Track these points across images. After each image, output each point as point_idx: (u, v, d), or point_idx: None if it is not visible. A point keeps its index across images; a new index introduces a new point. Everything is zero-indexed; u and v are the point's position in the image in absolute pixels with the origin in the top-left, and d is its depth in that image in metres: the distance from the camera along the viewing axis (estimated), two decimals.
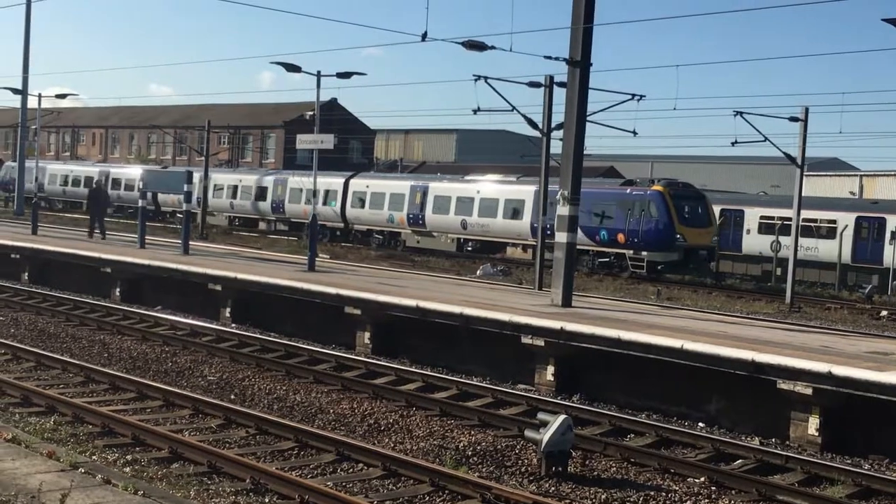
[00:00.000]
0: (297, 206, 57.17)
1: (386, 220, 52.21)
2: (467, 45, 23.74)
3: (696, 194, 43.03)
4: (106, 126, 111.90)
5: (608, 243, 41.69)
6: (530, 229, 43.83)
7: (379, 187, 53.26)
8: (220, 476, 11.57)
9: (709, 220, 42.25)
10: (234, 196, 62.29)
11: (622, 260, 41.49)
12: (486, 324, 19.46)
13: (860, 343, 18.99)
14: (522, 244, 46.04)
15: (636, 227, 40.56)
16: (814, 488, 12.79)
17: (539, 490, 11.80)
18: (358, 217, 54.17)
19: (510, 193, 46.71)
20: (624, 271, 41.04)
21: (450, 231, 49.04)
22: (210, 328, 22.80)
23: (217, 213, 63.85)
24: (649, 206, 40.41)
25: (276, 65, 28.93)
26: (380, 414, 15.54)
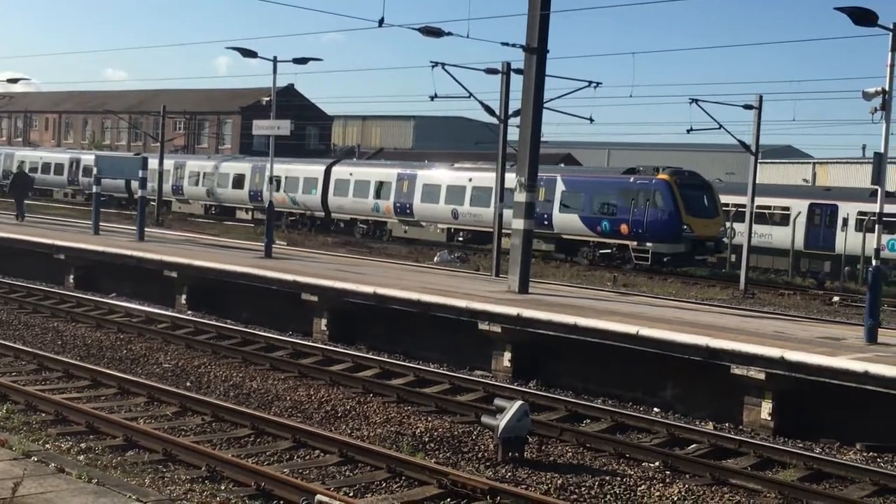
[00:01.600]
0: (276, 194, 56.10)
1: (371, 209, 50.73)
2: (424, 32, 23.68)
3: (703, 183, 41.33)
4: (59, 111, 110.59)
5: (610, 234, 40.27)
6: None
7: (363, 175, 51.73)
8: (176, 464, 11.50)
9: (716, 210, 40.70)
10: (211, 184, 60.78)
11: (625, 252, 40.01)
12: (443, 310, 19.48)
13: (813, 328, 19.22)
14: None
15: (641, 217, 39.03)
16: (766, 472, 12.93)
17: (495, 476, 11.83)
18: (341, 206, 52.63)
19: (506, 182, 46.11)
20: (627, 263, 39.61)
21: (439, 221, 47.39)
22: (165, 315, 22.63)
23: (192, 202, 62.61)
24: (654, 196, 38.84)
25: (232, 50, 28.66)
26: (337, 401, 15.51)
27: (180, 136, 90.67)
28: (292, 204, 54.95)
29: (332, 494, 10.15)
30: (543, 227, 41.93)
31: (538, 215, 42.42)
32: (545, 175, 43.43)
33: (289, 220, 55.35)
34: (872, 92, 16.81)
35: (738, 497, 11.62)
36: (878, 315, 17.67)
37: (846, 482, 12.56)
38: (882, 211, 17.64)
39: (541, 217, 42.12)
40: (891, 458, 13.98)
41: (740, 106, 34.93)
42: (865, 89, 16.86)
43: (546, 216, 41.79)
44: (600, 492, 11.52)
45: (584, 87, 28.54)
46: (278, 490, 10.56)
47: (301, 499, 10.15)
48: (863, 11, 16.64)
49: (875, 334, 17.15)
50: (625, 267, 39.19)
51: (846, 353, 15.38)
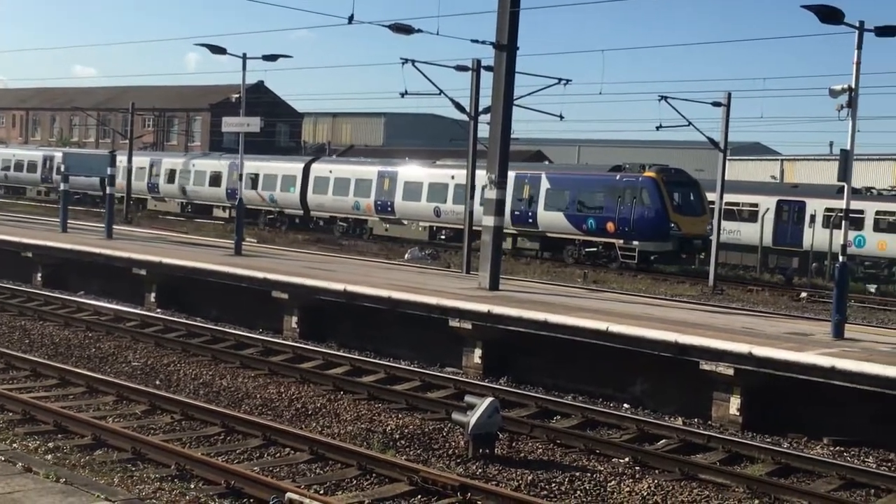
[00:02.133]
0: (253, 192, 54.91)
1: (351, 207, 50.15)
2: (394, 29, 23.66)
3: (690, 181, 40.94)
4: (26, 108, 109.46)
5: (596, 232, 39.88)
6: (510, 216, 41.47)
7: (343, 172, 51.14)
8: (145, 462, 11.44)
9: (703, 208, 40.26)
10: (187, 182, 59.87)
11: (611, 250, 39.66)
12: (413, 307, 19.47)
13: (781, 324, 19.36)
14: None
15: (627, 215, 38.62)
16: (734, 466, 13.02)
17: (466, 472, 11.85)
18: (320, 204, 51.97)
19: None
20: (613, 262, 39.34)
21: (421, 219, 46.94)
22: (135, 313, 22.50)
23: (168, 200, 61.82)
24: (641, 194, 38.45)
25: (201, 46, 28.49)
26: (307, 398, 15.48)
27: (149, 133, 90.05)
28: (270, 202, 54.44)
29: (302, 492, 10.13)
30: (528, 225, 42.08)
31: (523, 213, 42.16)
32: (530, 173, 43.29)
33: (267, 218, 54.83)
34: (839, 89, 16.95)
35: (707, 492, 11.69)
36: (844, 311, 17.83)
37: (813, 476, 12.66)
38: (848, 207, 17.80)
39: (525, 215, 42.04)
40: (857, 453, 14.12)
41: (709, 103, 35.12)
42: (832, 87, 16.99)
43: (531, 214, 41.79)
44: (570, 488, 11.55)
45: (555, 84, 28.67)
46: (248, 488, 10.52)
47: (271, 497, 10.12)
48: (829, 9, 16.76)
49: (842, 330, 17.30)
50: (611, 265, 39.04)
51: (813, 348, 15.49)
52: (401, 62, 27.81)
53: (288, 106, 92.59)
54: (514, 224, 42.18)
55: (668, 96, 34.06)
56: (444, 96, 29.66)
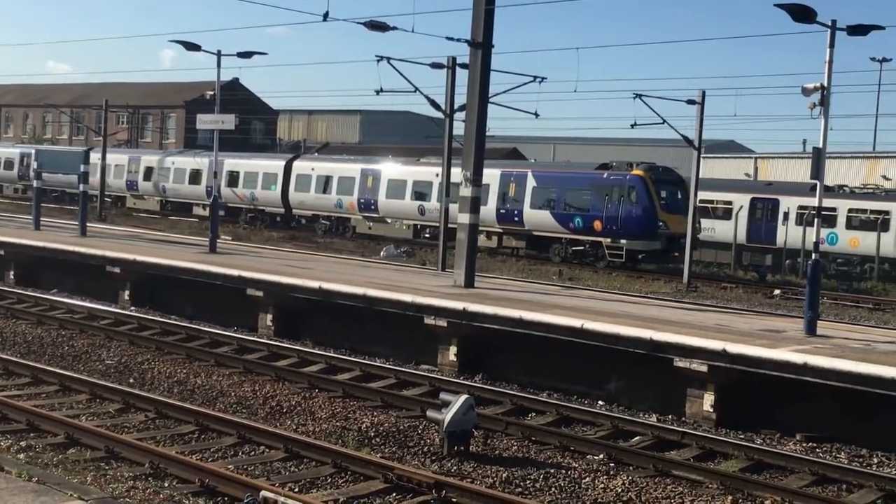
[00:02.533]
0: (234, 189, 54.36)
1: (334, 206, 49.46)
2: (369, 26, 23.59)
3: (677, 179, 40.43)
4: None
5: (583, 231, 39.43)
6: (496, 215, 41.93)
7: (326, 170, 50.48)
8: (118, 461, 11.38)
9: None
10: (166, 179, 58.99)
11: (598, 249, 39.23)
12: (389, 305, 19.45)
13: (754, 321, 19.47)
14: (486, 231, 42.27)
15: (615, 213, 38.15)
16: (708, 463, 13.09)
17: (441, 469, 11.86)
18: (302, 202, 51.32)
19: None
20: (600, 260, 38.86)
21: (405, 217, 46.09)
22: (108, 311, 22.38)
23: (148, 197, 60.99)
24: (629, 192, 37.99)
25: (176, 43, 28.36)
26: (282, 396, 15.44)
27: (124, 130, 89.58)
28: (251, 200, 53.90)
29: (276, 490, 10.10)
30: (514, 223, 41.63)
31: (509, 212, 41.73)
32: (516, 171, 42.81)
33: (248, 216, 54.25)
34: (811, 88, 17.06)
35: (681, 488, 11.74)
36: (817, 307, 17.93)
37: (786, 472, 12.74)
38: (821, 205, 17.92)
39: (511, 214, 41.56)
40: (830, 449, 14.21)
41: (683, 101, 35.21)
42: (805, 85, 17.10)
43: (517, 213, 41.44)
44: (545, 484, 11.58)
45: (530, 82, 28.64)
46: (222, 486, 10.49)
47: (245, 495, 10.09)
48: (802, 8, 16.86)
49: (814, 326, 17.42)
50: (598, 264, 38.62)
51: (786, 345, 15.60)
52: (376, 59, 27.76)
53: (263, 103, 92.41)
54: (500, 223, 42.02)
55: (643, 94, 34.12)
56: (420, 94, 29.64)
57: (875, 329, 20.50)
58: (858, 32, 17.68)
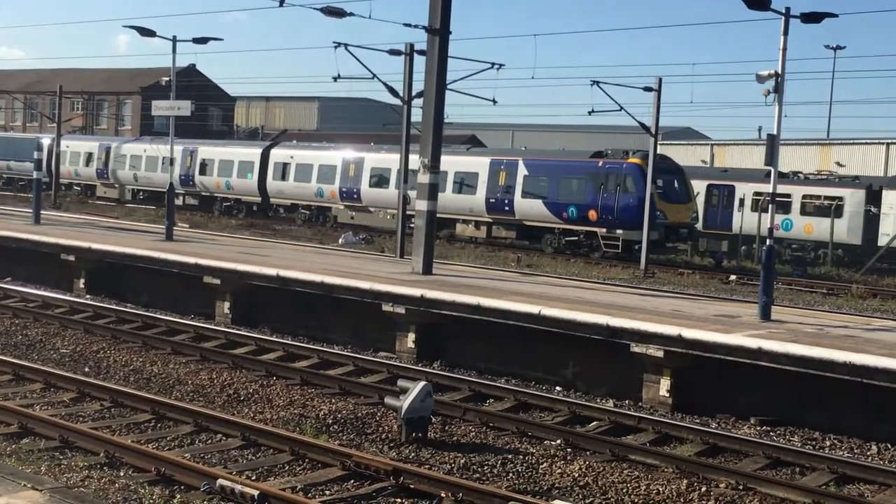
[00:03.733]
0: (209, 178, 53.21)
1: (314, 194, 48.35)
2: (326, 12, 23.48)
3: (674, 167, 39.46)
4: None
5: (577, 221, 38.28)
6: (485, 204, 41.19)
7: (306, 158, 49.31)
8: (73, 450, 11.27)
9: (688, 196, 39.07)
10: (138, 167, 57.31)
11: (593, 239, 38.19)
12: (347, 292, 19.41)
13: (710, 307, 19.63)
14: (475, 220, 42.00)
15: (610, 202, 37.06)
16: (664, 447, 13.19)
17: (399, 456, 11.86)
18: (281, 191, 50.22)
19: (462, 165, 42.22)
20: (595, 251, 37.89)
21: (389, 206, 43.46)
22: (63, 300, 22.15)
23: (119, 186, 59.55)
24: (625, 181, 36.78)
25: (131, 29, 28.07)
26: (239, 384, 15.37)
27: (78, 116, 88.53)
28: (227, 189, 52.81)
29: (233, 478, 10.06)
30: (505, 213, 40.82)
31: (499, 201, 40.83)
32: (506, 158, 41.81)
33: (223, 205, 53.18)
34: (765, 75, 17.19)
35: (637, 473, 11.81)
36: (771, 293, 18.12)
37: (741, 456, 12.87)
38: (775, 191, 18.09)
39: (501, 203, 40.65)
40: (783, 432, 14.38)
41: (640, 88, 35.44)
42: (759, 72, 17.22)
43: (507, 202, 40.59)
44: (503, 470, 11.62)
45: (488, 69, 28.73)
46: (179, 475, 10.42)
47: (202, 483, 10.05)
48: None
49: (769, 311, 17.59)
50: (593, 255, 37.74)
51: (741, 330, 15.74)
52: (334, 46, 27.66)
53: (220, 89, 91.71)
54: (490, 212, 41.31)
55: (601, 81, 34.36)
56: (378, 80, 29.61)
57: (828, 314, 20.76)
58: (812, 20, 17.84)
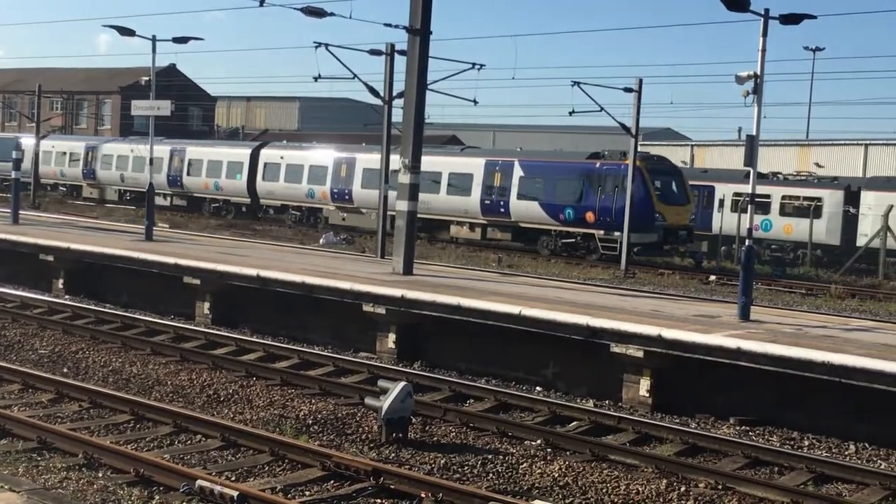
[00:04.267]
0: (197, 179, 52.48)
1: (305, 195, 47.57)
2: (306, 12, 23.41)
3: (673, 169, 39.30)
4: None
5: (574, 223, 37.68)
6: (480, 206, 40.61)
7: (296, 159, 48.50)
8: (51, 451, 11.20)
9: (686, 197, 38.43)
10: (125, 168, 56.45)
11: (590, 241, 37.65)
12: (327, 292, 19.38)
13: (689, 307, 19.69)
14: (470, 222, 41.41)
15: (609, 204, 36.45)
16: (644, 447, 13.22)
17: (379, 456, 11.85)
18: (271, 192, 49.41)
19: (456, 166, 41.93)
20: (591, 254, 37.38)
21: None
22: (42, 300, 22.03)
23: (106, 187, 58.54)
24: (624, 182, 35.57)
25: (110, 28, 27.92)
26: (219, 384, 15.32)
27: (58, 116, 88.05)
28: (215, 190, 52.11)
29: (213, 479, 10.03)
30: (500, 214, 40.23)
31: (494, 203, 40.14)
32: (501, 159, 41.12)
33: (212, 206, 52.49)
34: (745, 76, 17.24)
35: (617, 472, 11.83)
36: (750, 293, 18.18)
37: (720, 456, 12.91)
38: (755, 192, 18.16)
39: (497, 205, 40.02)
40: (762, 432, 14.44)
41: (621, 89, 35.42)
42: (738, 73, 17.28)
43: (503, 204, 40.04)
44: (483, 470, 11.62)
45: (468, 69, 28.71)
46: (158, 476, 10.38)
47: (181, 484, 10.01)
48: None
49: (748, 312, 17.65)
50: (589, 258, 37.24)
51: (720, 330, 15.80)
52: (314, 46, 27.58)
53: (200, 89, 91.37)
54: (485, 214, 40.74)
55: (581, 82, 34.37)
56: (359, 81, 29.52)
57: (807, 314, 20.87)
58: (791, 21, 17.91)
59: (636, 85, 34.49)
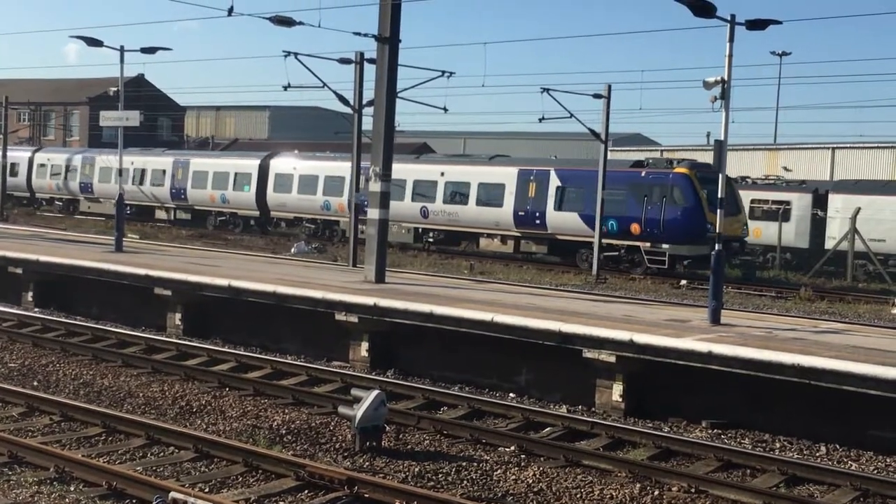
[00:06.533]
0: (201, 191, 51.11)
1: (320, 207, 45.75)
2: (275, 21, 23.37)
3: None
4: None
5: (618, 235, 35.83)
6: (513, 217, 38.98)
7: (310, 169, 46.79)
8: (22, 466, 11.11)
9: (737, 207, 36.42)
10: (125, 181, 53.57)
11: (635, 253, 35.96)
12: (299, 301, 19.34)
13: (661, 311, 19.79)
14: (502, 235, 39.84)
15: (656, 215, 34.86)
16: (617, 452, 13.26)
17: (353, 465, 11.83)
18: (283, 204, 47.69)
19: (486, 176, 40.33)
20: (637, 267, 35.79)
21: (405, 220, 41.68)
22: (10, 313, 21.84)
23: (104, 200, 55.41)
24: (672, 192, 34.47)
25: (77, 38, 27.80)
26: (192, 395, 15.26)
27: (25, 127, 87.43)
28: (222, 202, 50.61)
29: (186, 491, 9.98)
30: (535, 227, 38.54)
31: (529, 214, 38.36)
32: (536, 168, 39.27)
33: (218, 220, 51.06)
34: (712, 81, 17.38)
35: (591, 477, 11.88)
36: (721, 297, 18.30)
37: (693, 459, 12.98)
38: (723, 196, 18.28)
39: (532, 216, 38.36)
40: (734, 435, 14.52)
41: (590, 95, 35.59)
42: (706, 79, 17.41)
43: (538, 215, 38.38)
44: (457, 477, 11.63)
45: (438, 77, 28.68)
46: (131, 489, 10.32)
47: (154, 497, 9.94)
48: (701, 3, 17.15)
49: (718, 316, 17.77)
50: (634, 271, 35.71)
51: (691, 334, 15.88)
52: (283, 55, 27.56)
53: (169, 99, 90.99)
54: (518, 226, 39.17)
55: (551, 89, 34.46)
56: (328, 89, 29.53)
57: (777, 317, 21.01)
58: (757, 27, 18.06)
59: (605, 91, 34.66)
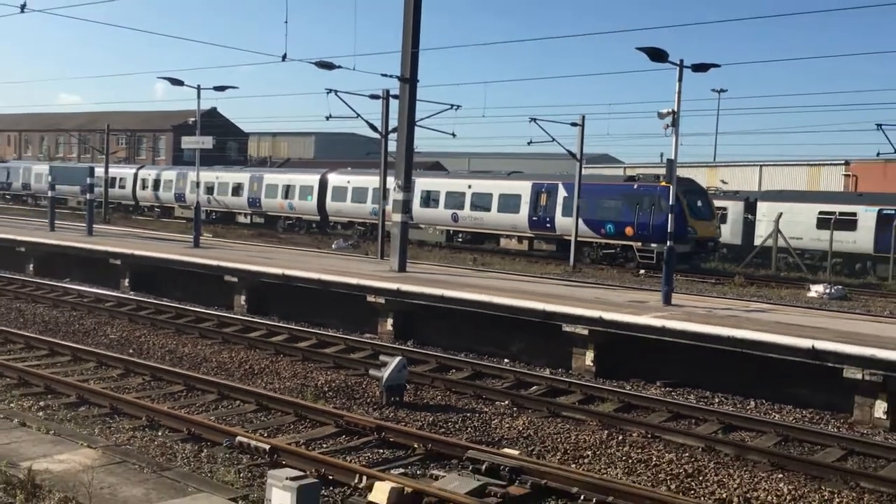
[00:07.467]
0: (272, 200, 50.90)
1: (369, 213, 44.99)
2: (319, 65, 23.36)
3: (699, 189, 37.09)
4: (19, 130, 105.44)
5: (615, 236, 35.56)
6: (528, 222, 38.52)
7: (361, 182, 46.35)
8: (121, 416, 11.17)
9: (712, 213, 36.23)
10: (211, 192, 54.32)
11: (629, 252, 35.43)
12: (338, 286, 19.33)
13: (624, 295, 19.73)
14: (518, 236, 39.50)
15: (646, 220, 34.56)
16: (589, 405, 13.25)
17: (381, 416, 11.84)
18: (339, 210, 47.24)
19: (505, 188, 40.09)
20: (629, 262, 35.17)
21: (439, 224, 41.91)
22: (112, 295, 21.88)
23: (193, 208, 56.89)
24: (659, 201, 34.06)
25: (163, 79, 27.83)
26: (253, 360, 15.27)
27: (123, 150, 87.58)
28: (289, 209, 50.50)
29: (249, 436, 10.00)
30: (546, 229, 38.36)
31: (541, 219, 38.03)
32: (546, 182, 39.17)
33: (286, 223, 50.69)
34: (665, 112, 17.32)
35: (568, 426, 11.86)
36: (671, 283, 18.25)
37: (649, 411, 12.95)
38: (673, 204, 18.22)
39: (543, 221, 38.18)
40: (682, 392, 14.48)
41: (568, 123, 35.56)
42: (660, 110, 17.35)
43: (549, 219, 38.00)
44: (463, 425, 11.63)
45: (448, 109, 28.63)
46: (206, 434, 10.35)
47: (225, 440, 9.98)
48: (656, 51, 17.10)
49: (670, 298, 17.73)
50: (628, 265, 35.01)
51: (648, 312, 15.84)
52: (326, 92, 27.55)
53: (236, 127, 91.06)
54: (532, 229, 38.61)
55: (537, 118, 34.42)
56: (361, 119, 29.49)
57: (716, 299, 20.93)
58: (700, 69, 17.98)
59: (580, 120, 34.55)
